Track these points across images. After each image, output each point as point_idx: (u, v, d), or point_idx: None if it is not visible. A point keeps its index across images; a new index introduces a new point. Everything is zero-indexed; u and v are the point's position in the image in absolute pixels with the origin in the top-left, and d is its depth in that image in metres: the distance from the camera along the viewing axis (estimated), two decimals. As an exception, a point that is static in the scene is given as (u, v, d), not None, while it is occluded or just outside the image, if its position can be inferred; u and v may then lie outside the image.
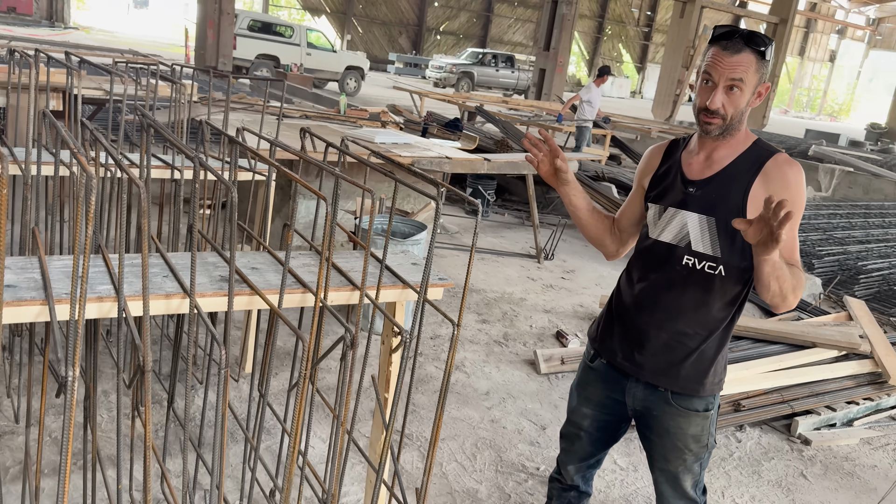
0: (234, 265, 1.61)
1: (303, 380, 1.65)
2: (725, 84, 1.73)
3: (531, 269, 5.80)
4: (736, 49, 1.72)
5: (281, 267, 2.08)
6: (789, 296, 1.71)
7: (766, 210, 1.50)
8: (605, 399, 2.05)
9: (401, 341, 1.85)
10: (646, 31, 41.33)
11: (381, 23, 33.93)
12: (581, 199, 2.04)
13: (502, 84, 27.05)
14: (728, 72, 1.72)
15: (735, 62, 1.71)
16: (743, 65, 1.71)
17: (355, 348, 1.74)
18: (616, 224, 2.11)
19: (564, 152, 5.74)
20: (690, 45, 20.69)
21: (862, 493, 3.27)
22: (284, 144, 2.25)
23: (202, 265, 2.02)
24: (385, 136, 5.18)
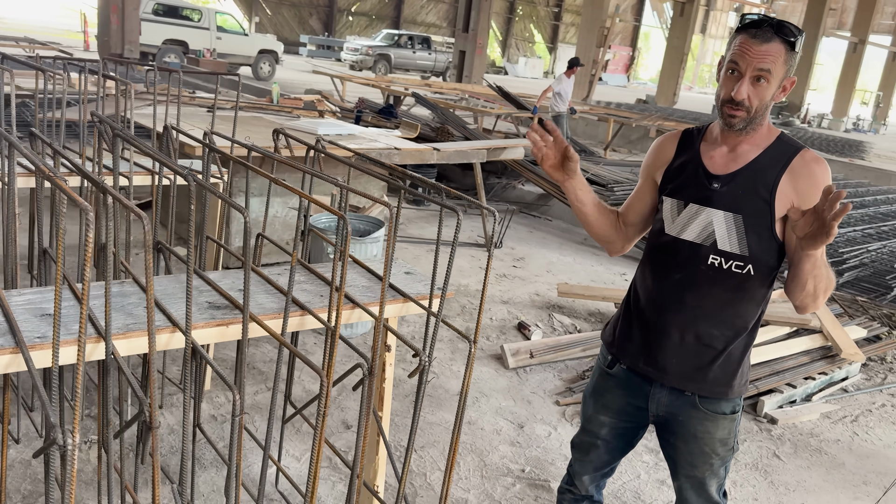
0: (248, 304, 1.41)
1: (321, 419, 1.47)
2: (753, 74, 1.64)
3: (482, 258, 5.71)
4: (766, 38, 1.63)
5: (269, 286, 1.89)
6: (821, 296, 1.67)
7: (822, 201, 1.44)
8: (625, 406, 1.96)
9: (419, 364, 1.70)
10: (556, 12, 41.81)
11: (291, 4, 32.91)
12: (587, 193, 1.93)
13: (420, 66, 26.79)
14: (757, 61, 1.63)
15: (764, 52, 1.62)
16: (772, 55, 1.62)
17: (373, 378, 1.57)
18: (621, 219, 2.00)
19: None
20: (604, 24, 21.01)
21: (832, 468, 3.35)
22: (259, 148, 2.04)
23: (181, 290, 1.80)
24: (327, 127, 4.95)
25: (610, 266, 6.01)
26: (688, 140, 1.86)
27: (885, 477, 3.33)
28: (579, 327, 4.60)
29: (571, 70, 10.38)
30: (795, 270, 1.60)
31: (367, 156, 1.99)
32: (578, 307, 4.93)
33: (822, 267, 1.60)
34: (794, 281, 1.64)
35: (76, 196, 1.10)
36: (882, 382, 4.32)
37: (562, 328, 4.57)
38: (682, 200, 1.80)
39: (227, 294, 1.74)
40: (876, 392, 4.20)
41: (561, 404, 3.61)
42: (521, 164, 6.39)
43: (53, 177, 1.14)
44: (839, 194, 1.40)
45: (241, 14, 30.48)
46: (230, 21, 18.70)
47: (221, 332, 1.65)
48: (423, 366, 1.64)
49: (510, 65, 38.38)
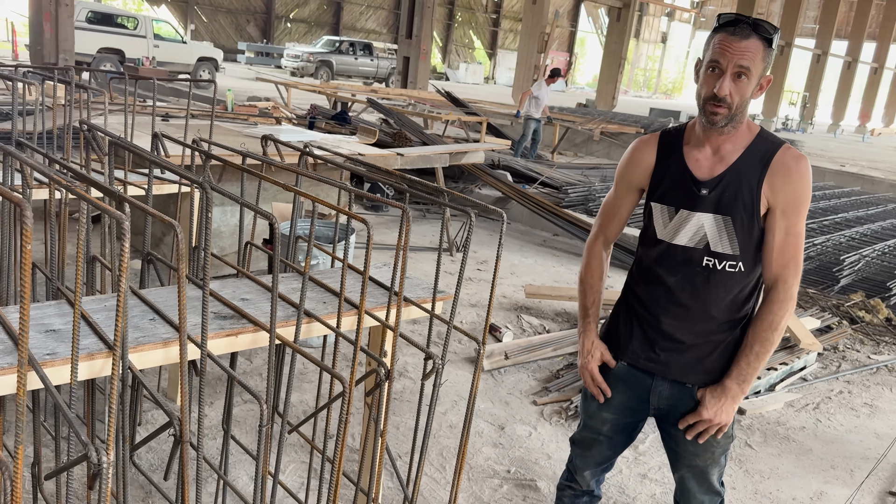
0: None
1: (343, 427, 1.45)
2: (734, 71, 1.69)
3: (445, 263, 5.72)
4: (744, 35, 1.68)
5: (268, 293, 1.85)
6: (777, 339, 1.83)
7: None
8: (626, 401, 1.99)
9: (433, 367, 1.69)
10: (494, 18, 42.27)
11: (227, 11, 32.34)
12: (597, 312, 2.01)
13: (362, 72, 26.68)
14: (737, 58, 1.68)
15: (744, 48, 1.67)
16: (751, 51, 1.68)
17: (391, 383, 1.56)
18: (608, 245, 2.04)
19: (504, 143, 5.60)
20: (544, 30, 21.35)
21: (801, 455, 3.47)
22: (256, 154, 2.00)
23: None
24: (288, 134, 4.88)
25: (571, 266, 6.10)
26: (667, 143, 1.89)
27: (849, 460, 3.47)
28: (548, 327, 4.65)
29: (552, 79, 10.66)
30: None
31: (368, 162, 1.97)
32: (545, 308, 4.99)
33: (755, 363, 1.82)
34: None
35: (107, 207, 1.06)
36: (837, 370, 4.51)
37: (531, 329, 4.61)
38: (673, 206, 1.83)
39: (232, 304, 1.70)
40: (833, 380, 4.37)
41: (538, 404, 3.65)
42: (479, 168, 6.44)
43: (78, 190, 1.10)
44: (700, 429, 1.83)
45: (176, 22, 29.79)
46: (167, 29, 18.29)
47: (231, 342, 1.62)
48: (437, 368, 1.64)
49: (451, 71, 38.60)
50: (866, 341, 5.08)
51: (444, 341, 1.73)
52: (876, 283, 6.00)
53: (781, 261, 1.77)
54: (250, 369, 3.64)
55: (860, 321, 5.34)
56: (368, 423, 1.73)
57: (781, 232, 1.76)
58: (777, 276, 1.79)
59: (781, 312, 1.78)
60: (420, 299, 1.98)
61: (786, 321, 1.80)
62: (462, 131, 11.66)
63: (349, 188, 1.61)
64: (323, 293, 1.92)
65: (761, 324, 1.80)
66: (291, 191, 1.51)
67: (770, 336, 1.79)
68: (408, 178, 1.82)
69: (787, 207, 1.75)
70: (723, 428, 1.85)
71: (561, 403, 3.64)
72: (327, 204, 1.51)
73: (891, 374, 4.59)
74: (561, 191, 7.71)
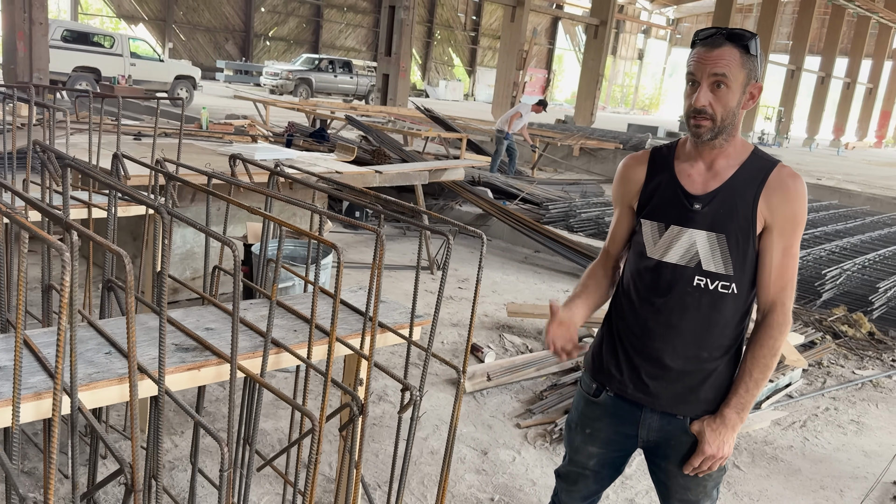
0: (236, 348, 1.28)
1: (314, 465, 1.35)
2: (709, 81, 1.63)
3: (426, 281, 5.62)
4: (717, 44, 1.63)
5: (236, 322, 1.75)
6: (775, 364, 1.76)
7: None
8: (613, 435, 1.90)
9: (410, 399, 1.60)
10: (473, 36, 42.48)
11: (206, 29, 32.19)
12: (586, 311, 1.91)
13: (342, 90, 26.64)
14: (710, 66, 1.62)
15: (716, 56, 1.62)
16: (725, 58, 1.62)
17: (365, 417, 1.46)
18: (611, 260, 1.95)
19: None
20: (522, 47, 21.45)
21: (790, 475, 3.40)
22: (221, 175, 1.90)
23: (141, 332, 1.64)
24: (264, 152, 4.78)
25: (552, 283, 6.03)
26: (658, 159, 1.82)
27: (839, 480, 3.40)
28: (530, 346, 4.57)
29: (539, 108, 10.85)
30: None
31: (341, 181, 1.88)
32: (528, 326, 4.90)
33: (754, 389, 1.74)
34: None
35: (45, 235, 0.96)
36: (823, 386, 4.46)
37: (513, 348, 4.52)
38: (663, 223, 1.76)
39: (195, 335, 1.59)
40: (818, 396, 4.32)
41: (522, 427, 3.55)
42: (459, 185, 6.37)
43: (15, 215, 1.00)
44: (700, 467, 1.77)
45: (153, 40, 29.62)
46: (144, 47, 18.11)
47: (193, 376, 1.51)
48: (414, 400, 1.54)
49: (431, 88, 38.70)
50: (850, 356, 5.04)
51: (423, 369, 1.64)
52: (857, 297, 5.99)
53: (780, 283, 1.70)
54: (223, 395, 3.52)
55: (843, 336, 5.31)
56: (343, 455, 1.63)
57: (779, 253, 1.70)
58: (775, 299, 1.72)
59: (782, 337, 1.71)
60: (397, 325, 1.89)
61: (783, 346, 1.74)
62: (442, 148, 11.61)
63: (319, 210, 1.52)
64: (294, 320, 1.82)
65: (760, 349, 1.72)
66: (257, 213, 1.42)
67: (770, 362, 1.71)
68: (383, 197, 1.73)
69: (785, 227, 1.69)
70: (723, 460, 1.77)
71: (545, 426, 3.55)
72: (295, 227, 1.42)
73: (876, 389, 4.55)
74: (541, 207, 7.66)
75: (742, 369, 1.76)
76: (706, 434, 1.76)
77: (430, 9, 39.28)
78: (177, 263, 4.32)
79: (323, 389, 1.39)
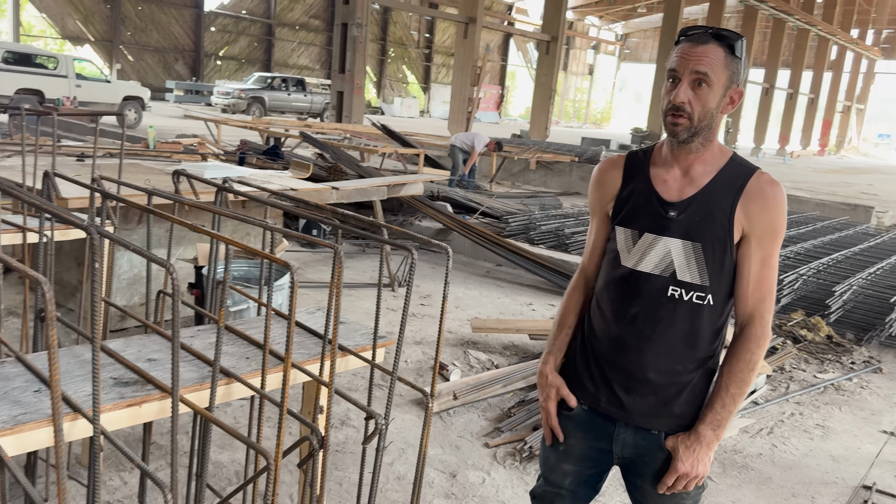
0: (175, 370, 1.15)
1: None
2: (691, 78, 1.57)
3: (387, 298, 5.50)
4: (702, 41, 1.57)
5: (181, 352, 1.61)
6: (753, 379, 1.69)
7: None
8: (587, 451, 1.81)
9: (375, 429, 1.48)
10: (426, 53, 42.64)
11: (154, 49, 31.62)
12: (564, 345, 1.85)
13: (296, 108, 26.39)
14: (693, 64, 1.56)
15: (700, 53, 1.56)
16: (709, 57, 1.56)
17: (326, 451, 1.34)
18: (591, 283, 1.86)
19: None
20: (476, 63, 21.55)
21: (762, 484, 3.36)
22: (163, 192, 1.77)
23: (77, 365, 1.49)
24: (214, 170, 4.62)
25: (515, 297, 5.96)
26: (634, 164, 1.75)
27: (809, 487, 3.38)
28: (496, 362, 4.48)
29: (494, 146, 11.08)
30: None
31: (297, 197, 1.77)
32: (492, 341, 4.81)
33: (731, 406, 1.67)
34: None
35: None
36: (787, 392, 4.46)
37: (479, 364, 4.42)
38: (637, 230, 1.69)
39: (135, 367, 1.45)
40: (783, 402, 4.32)
41: (490, 446, 3.45)
42: (418, 200, 6.27)
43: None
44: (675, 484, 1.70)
45: (101, 61, 28.97)
46: (90, 68, 17.66)
47: (133, 413, 1.37)
48: (379, 430, 1.42)
49: (386, 105, 38.67)
50: (811, 360, 5.08)
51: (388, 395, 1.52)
52: (814, 301, 6.06)
53: (758, 294, 1.64)
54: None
55: (803, 340, 5.35)
56: (304, 489, 1.50)
57: (757, 263, 1.63)
58: (753, 311, 1.65)
59: (760, 351, 1.65)
60: (359, 347, 1.77)
61: (761, 360, 1.67)
62: (399, 164, 11.52)
63: (270, 227, 1.40)
64: (246, 346, 1.69)
65: (738, 363, 1.65)
66: (202, 232, 1.29)
67: (747, 377, 1.64)
68: (340, 212, 1.62)
69: (764, 237, 1.62)
70: (699, 479, 1.68)
71: (514, 444, 3.45)
72: (244, 246, 1.30)
73: (838, 392, 4.57)
74: (501, 220, 7.61)
75: (718, 384, 1.69)
76: (680, 451, 1.68)
77: (382, 27, 39.33)
78: (124, 289, 4.12)
79: (279, 422, 1.26)
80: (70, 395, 1.33)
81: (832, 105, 41.02)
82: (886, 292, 6.26)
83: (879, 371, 5.01)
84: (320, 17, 36.93)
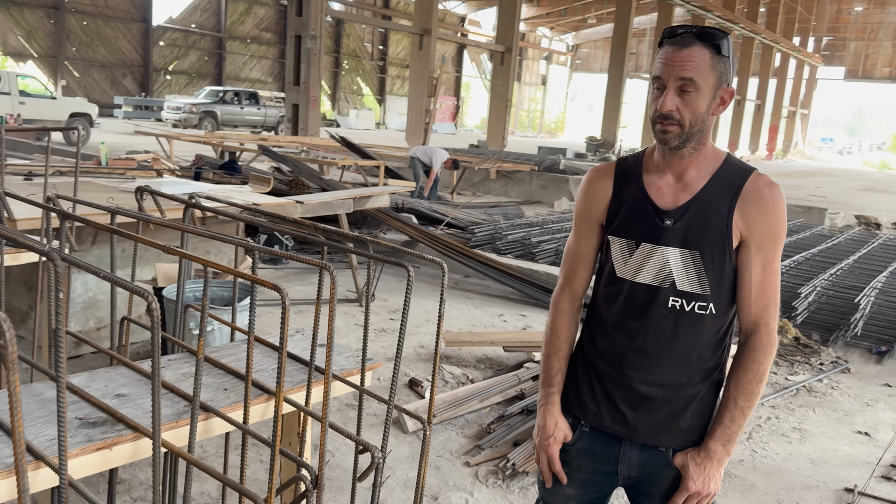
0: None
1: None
2: (676, 84, 1.50)
3: (355, 314, 5.35)
4: (686, 44, 1.50)
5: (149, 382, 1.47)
6: (761, 390, 1.63)
7: None
8: (591, 474, 1.72)
9: (372, 463, 1.36)
10: (381, 65, 42.53)
11: (101, 65, 30.83)
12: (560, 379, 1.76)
13: (249, 122, 26.00)
14: (678, 69, 1.49)
15: (685, 57, 1.49)
16: (694, 60, 1.49)
17: (321, 491, 1.22)
18: (576, 303, 1.77)
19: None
20: (432, 74, 21.54)
21: (746, 491, 3.32)
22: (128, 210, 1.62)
23: (36, 405, 1.34)
24: (171, 186, 4.43)
25: (486, 308, 5.87)
26: (625, 172, 1.68)
27: (793, 492, 3.35)
28: (471, 376, 4.37)
29: (451, 164, 11.09)
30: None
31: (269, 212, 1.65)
32: (466, 355, 4.71)
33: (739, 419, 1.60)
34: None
35: None
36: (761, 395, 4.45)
37: (454, 379, 4.31)
38: (633, 240, 1.61)
39: (103, 404, 1.31)
40: (759, 406, 4.31)
41: (472, 465, 3.34)
42: (384, 212, 6.15)
43: None
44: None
45: (45, 78, 28.13)
46: (34, 85, 17.12)
47: (103, 458, 1.23)
48: (377, 464, 1.31)
49: (341, 117, 38.42)
50: (781, 363, 5.10)
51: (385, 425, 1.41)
52: (780, 303, 6.10)
53: (762, 301, 1.57)
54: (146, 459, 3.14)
55: (772, 343, 5.37)
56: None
57: (758, 269, 1.56)
58: (758, 319, 1.58)
59: (767, 361, 1.58)
60: (344, 372, 1.65)
61: (769, 369, 1.60)
62: (359, 176, 11.38)
63: (252, 245, 1.28)
64: (222, 376, 1.55)
65: (745, 374, 1.58)
66: (171, 252, 1.17)
67: (756, 388, 1.58)
68: (321, 227, 1.51)
69: (764, 241, 1.56)
70: (710, 497, 1.60)
71: (496, 462, 3.34)
72: (221, 267, 1.18)
73: (810, 394, 4.59)
74: (467, 231, 7.54)
75: (726, 397, 1.62)
76: (690, 469, 1.60)
77: (336, 39, 39.11)
78: (78, 314, 3.90)
79: (270, 464, 1.13)
80: (31, 440, 1.18)
81: (778, 110, 42.21)
82: (848, 293, 6.36)
83: (847, 371, 5.06)
84: (272, 30, 36.55)
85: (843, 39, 46.21)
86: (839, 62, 46.80)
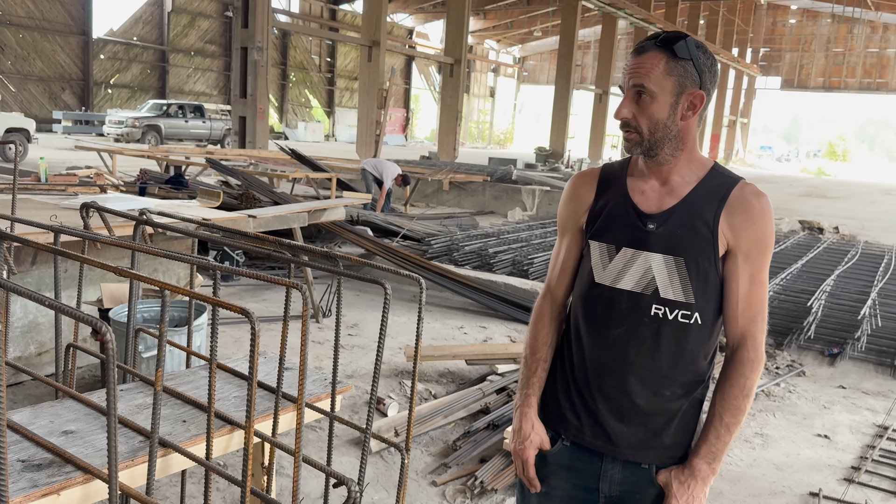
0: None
1: None
2: (632, 91, 1.49)
3: (312, 330, 5.21)
4: (641, 50, 1.49)
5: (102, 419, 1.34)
6: (748, 406, 1.58)
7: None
8: (571, 490, 1.66)
9: (348, 497, 1.26)
10: (329, 77, 42.24)
11: (39, 79, 29.81)
12: (540, 383, 1.69)
13: (194, 135, 25.47)
14: (630, 76, 1.48)
15: (638, 64, 1.47)
16: (646, 65, 1.46)
17: (297, 529, 1.12)
18: (556, 309, 1.71)
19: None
20: (382, 86, 21.47)
21: (713, 500, 3.31)
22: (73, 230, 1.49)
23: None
24: (116, 202, 4.23)
25: (445, 321, 5.79)
26: (609, 176, 1.64)
27: (759, 498, 3.35)
28: (434, 391, 4.28)
29: (400, 181, 11.07)
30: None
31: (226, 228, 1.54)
32: (428, 369, 4.61)
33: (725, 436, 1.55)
34: None
35: None
36: (723, 401, 4.48)
37: (416, 396, 4.21)
38: (613, 245, 1.56)
39: (49, 444, 1.18)
40: (721, 411, 4.32)
41: (438, 484, 3.24)
42: (339, 225, 6.02)
43: None
44: None
45: (-24, 91, 27.03)
46: (-35, 98, 16.39)
47: (50, 504, 1.10)
48: (354, 498, 1.21)
49: (290, 130, 37.99)
50: (738, 367, 5.14)
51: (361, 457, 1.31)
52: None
53: (749, 314, 1.53)
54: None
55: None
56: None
57: (745, 280, 1.53)
58: (744, 332, 1.54)
59: (754, 376, 1.54)
60: (313, 397, 1.55)
61: (756, 385, 1.56)
62: (311, 189, 11.20)
63: (211, 264, 1.17)
64: (180, 406, 1.43)
65: (731, 389, 1.54)
66: (123, 274, 1.05)
67: (742, 404, 1.53)
68: (286, 242, 1.41)
69: (751, 251, 1.52)
70: None
71: (464, 480, 3.26)
72: (179, 289, 1.07)
73: (769, 398, 4.63)
74: (423, 242, 7.46)
75: (711, 413, 1.57)
76: (673, 487, 1.55)
77: (282, 51, 38.69)
78: (17, 338, 3.67)
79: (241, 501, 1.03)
80: (-36, 490, 1.05)
81: (719, 119, 43.42)
82: (799, 296, 6.49)
83: (803, 374, 5.14)
84: (216, 43, 35.97)
85: (779, 51, 47.88)
86: (776, 72, 48.45)
